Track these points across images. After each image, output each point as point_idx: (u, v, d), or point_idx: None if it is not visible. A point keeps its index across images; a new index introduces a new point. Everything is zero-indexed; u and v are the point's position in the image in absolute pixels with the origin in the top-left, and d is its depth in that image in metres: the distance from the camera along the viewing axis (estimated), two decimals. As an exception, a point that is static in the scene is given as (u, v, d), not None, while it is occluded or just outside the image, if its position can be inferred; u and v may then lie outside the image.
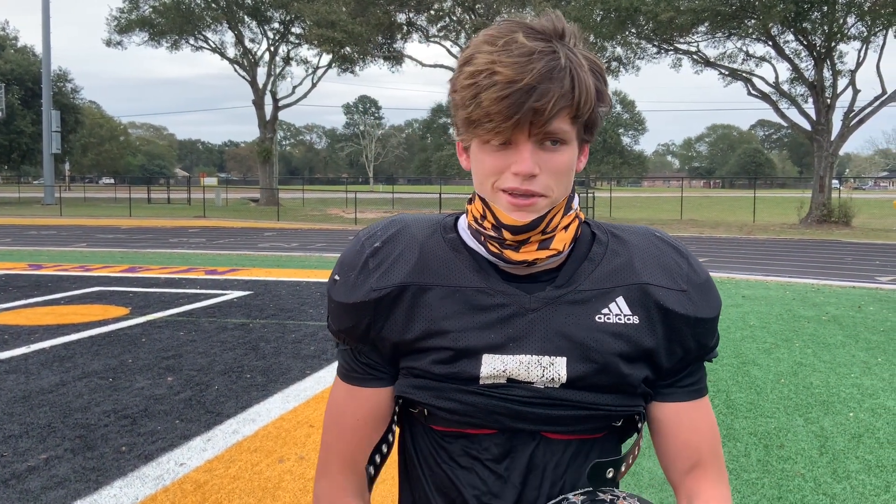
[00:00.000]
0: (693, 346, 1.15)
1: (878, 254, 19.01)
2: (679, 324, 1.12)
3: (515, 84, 0.98)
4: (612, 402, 1.12)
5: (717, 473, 1.18)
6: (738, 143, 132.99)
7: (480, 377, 1.10)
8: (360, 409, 1.19)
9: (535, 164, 1.03)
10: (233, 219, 34.00)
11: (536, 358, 1.09)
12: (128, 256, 17.04)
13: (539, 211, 1.07)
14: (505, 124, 1.00)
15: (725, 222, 32.22)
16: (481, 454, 1.14)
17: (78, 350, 7.42)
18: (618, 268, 1.13)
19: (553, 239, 1.10)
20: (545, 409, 1.10)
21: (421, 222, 1.19)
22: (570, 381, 1.09)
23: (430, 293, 1.11)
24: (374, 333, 1.14)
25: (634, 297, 1.11)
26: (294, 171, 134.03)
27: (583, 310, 1.10)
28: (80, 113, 58.00)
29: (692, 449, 1.17)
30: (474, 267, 1.13)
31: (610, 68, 36.69)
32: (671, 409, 1.17)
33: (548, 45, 1.01)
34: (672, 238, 1.20)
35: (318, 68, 44.24)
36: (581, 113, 1.03)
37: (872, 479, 4.35)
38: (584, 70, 1.03)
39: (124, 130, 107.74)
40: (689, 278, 1.14)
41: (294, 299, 10.74)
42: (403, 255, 1.13)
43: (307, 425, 5.23)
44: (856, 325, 8.87)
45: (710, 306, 1.15)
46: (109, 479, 4.26)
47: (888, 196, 56.81)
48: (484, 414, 1.11)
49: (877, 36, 28.70)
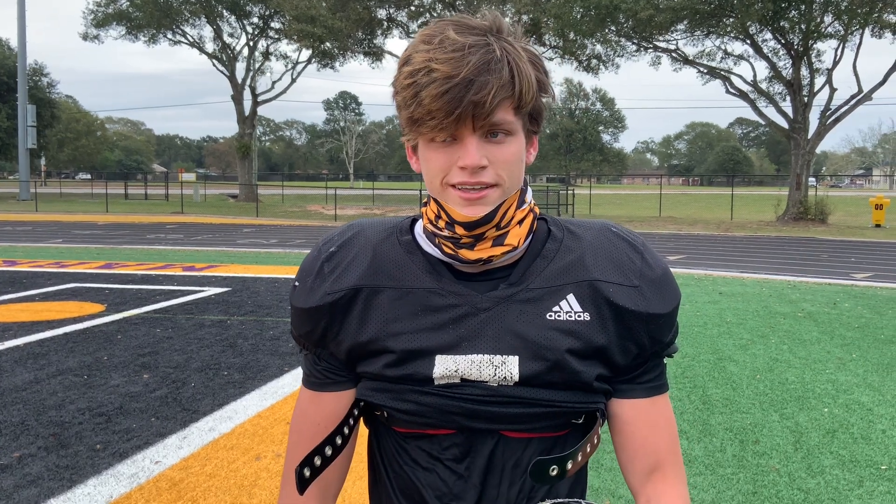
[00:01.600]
0: (647, 342, 1.13)
1: (853, 251, 19.22)
2: (631, 320, 1.11)
3: (453, 79, 0.98)
4: (568, 399, 1.11)
5: (675, 474, 1.16)
6: (716, 140, 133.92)
7: (434, 377, 1.10)
8: (319, 414, 1.19)
9: (483, 157, 1.03)
10: (211, 215, 33.78)
11: (488, 357, 1.09)
12: (104, 253, 16.88)
13: (491, 203, 1.06)
14: (447, 120, 1.00)
15: (703, 220, 32.44)
16: (441, 454, 1.14)
17: (52, 347, 7.34)
18: (569, 265, 1.12)
19: (507, 234, 1.10)
20: (500, 408, 1.10)
21: (377, 226, 1.18)
22: (523, 380, 1.09)
23: (382, 295, 1.12)
24: (331, 337, 1.15)
25: (585, 294, 1.10)
26: (273, 168, 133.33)
27: (534, 308, 1.10)
28: (56, 107, 57.37)
29: (650, 448, 1.15)
30: (427, 268, 1.13)
31: (590, 66, 36.85)
32: (629, 405, 1.15)
33: (481, 39, 1.01)
34: (629, 233, 1.19)
35: (298, 64, 44.00)
36: (524, 103, 1.04)
37: (846, 473, 4.39)
38: (523, 61, 1.03)
39: (101, 125, 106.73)
40: (642, 273, 1.12)
41: (272, 296, 10.69)
42: (357, 259, 1.14)
43: (284, 423, 5.21)
44: (831, 321, 8.96)
45: (665, 301, 1.13)
46: (83, 477, 4.22)
47: (864, 194, 57.44)
48: (439, 414, 1.11)
49: (853, 35, 28.99)
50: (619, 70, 50.15)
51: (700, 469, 4.43)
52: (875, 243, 21.74)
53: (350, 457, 1.23)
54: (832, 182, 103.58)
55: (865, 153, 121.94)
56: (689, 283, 12.12)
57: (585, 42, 34.82)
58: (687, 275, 13.26)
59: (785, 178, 38.51)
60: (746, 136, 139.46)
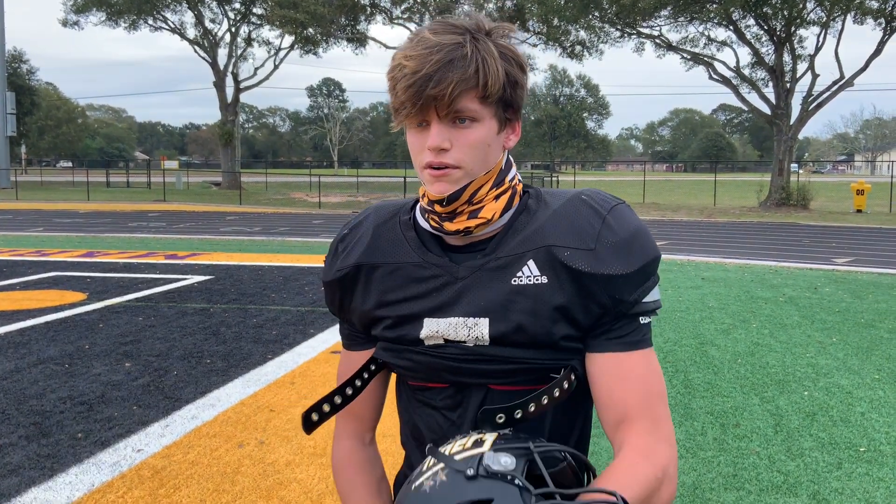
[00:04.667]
0: (608, 301, 1.19)
1: (834, 236, 19.37)
2: (587, 281, 1.19)
3: (417, 74, 1.14)
4: (538, 356, 1.22)
5: (645, 428, 1.18)
6: (699, 127, 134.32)
7: (422, 338, 1.27)
8: (348, 367, 1.41)
9: (445, 140, 1.18)
10: (194, 203, 33.59)
11: (463, 320, 1.23)
12: (85, 241, 16.76)
13: (456, 182, 1.20)
14: (413, 109, 1.16)
15: (687, 206, 32.59)
16: (438, 404, 1.32)
17: (33, 336, 7.29)
18: (531, 233, 1.23)
19: (483, 209, 1.23)
20: (479, 365, 1.24)
21: (386, 209, 1.37)
22: (494, 339, 1.22)
23: (378, 270, 1.31)
24: (346, 306, 1.36)
25: (542, 259, 1.21)
26: (257, 155, 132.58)
27: (501, 274, 1.23)
28: (36, 95, 56.81)
29: (618, 401, 1.20)
30: (417, 243, 1.29)
31: (574, 52, 36.81)
32: (599, 359, 1.23)
33: (455, 38, 1.16)
34: (601, 199, 1.25)
35: (281, 50, 43.72)
36: (489, 93, 1.17)
37: (825, 456, 4.44)
38: (493, 57, 1.17)
39: (82, 112, 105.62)
40: (601, 237, 1.20)
41: (256, 284, 10.65)
42: (361, 240, 1.33)
43: (268, 410, 5.20)
44: (812, 306, 9.03)
45: (623, 263, 1.19)
46: (65, 466, 4.20)
47: (846, 179, 57.81)
48: (430, 370, 1.28)
49: (835, 21, 29.11)
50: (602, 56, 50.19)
51: (681, 452, 4.46)
52: (856, 228, 21.92)
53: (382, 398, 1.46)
54: (814, 168, 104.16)
55: (847, 139, 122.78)
56: (671, 268, 12.18)
57: (569, 28, 34.76)
58: (670, 260, 13.32)
59: (767, 164, 38.72)
60: (730, 122, 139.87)
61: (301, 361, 6.49)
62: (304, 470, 4.19)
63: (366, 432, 1.47)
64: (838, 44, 29.31)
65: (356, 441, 1.46)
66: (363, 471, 1.44)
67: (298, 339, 7.28)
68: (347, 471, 1.44)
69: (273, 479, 4.07)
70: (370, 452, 1.47)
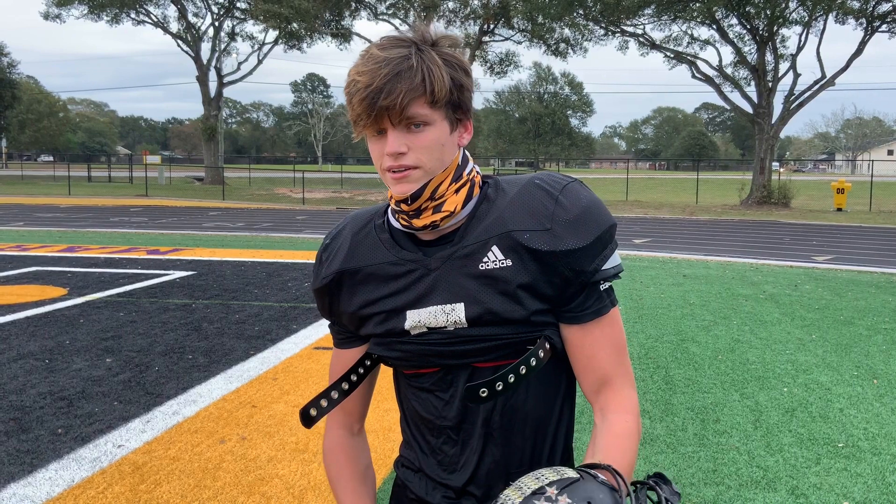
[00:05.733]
0: (570, 274, 1.32)
1: (815, 234, 19.54)
2: (547, 259, 1.31)
3: (369, 88, 1.25)
4: (513, 331, 1.34)
5: (622, 384, 1.38)
6: (682, 125, 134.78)
7: (408, 329, 1.38)
8: (339, 365, 1.52)
9: (402, 144, 1.28)
10: (176, 198, 33.39)
11: (440, 307, 1.35)
12: (66, 236, 16.63)
13: (415, 181, 1.31)
14: (369, 119, 1.27)
15: (669, 203, 32.74)
16: (430, 387, 1.44)
17: (13, 331, 7.23)
18: (493, 221, 1.35)
19: (445, 202, 1.34)
20: (461, 346, 1.36)
21: (362, 216, 1.47)
22: (471, 321, 1.34)
23: (359, 274, 1.42)
24: (335, 309, 1.47)
25: (505, 244, 1.33)
26: (240, 150, 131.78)
27: (469, 261, 1.34)
28: (17, 88, 56.22)
29: (596, 366, 1.37)
30: (391, 244, 1.41)
31: (558, 50, 36.89)
32: (573, 331, 1.37)
33: (401, 52, 1.26)
34: (552, 181, 1.37)
35: (265, 45, 43.49)
36: (437, 98, 1.27)
37: (804, 451, 4.48)
38: (437, 65, 1.27)
39: (63, 107, 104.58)
40: (555, 216, 1.32)
41: (238, 280, 10.61)
42: (341, 248, 1.45)
43: (250, 405, 5.19)
44: (792, 303, 9.11)
45: (579, 237, 1.31)
46: (44, 461, 4.18)
47: (826, 178, 58.25)
48: (419, 357, 1.40)
49: (817, 21, 29.33)
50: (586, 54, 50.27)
51: (661, 448, 4.50)
52: (836, 227, 22.11)
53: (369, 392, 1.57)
54: (795, 166, 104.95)
55: (828, 138, 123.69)
56: (653, 265, 12.24)
57: (554, 26, 34.84)
58: (652, 258, 13.38)
59: (749, 163, 38.97)
60: (712, 120, 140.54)
61: (283, 357, 6.48)
62: (286, 466, 4.18)
63: (354, 423, 1.58)
64: (820, 43, 29.54)
65: (345, 431, 1.57)
66: (351, 458, 1.56)
67: (281, 335, 7.26)
68: (337, 457, 1.57)
69: (255, 474, 4.06)
70: (358, 442, 1.59)
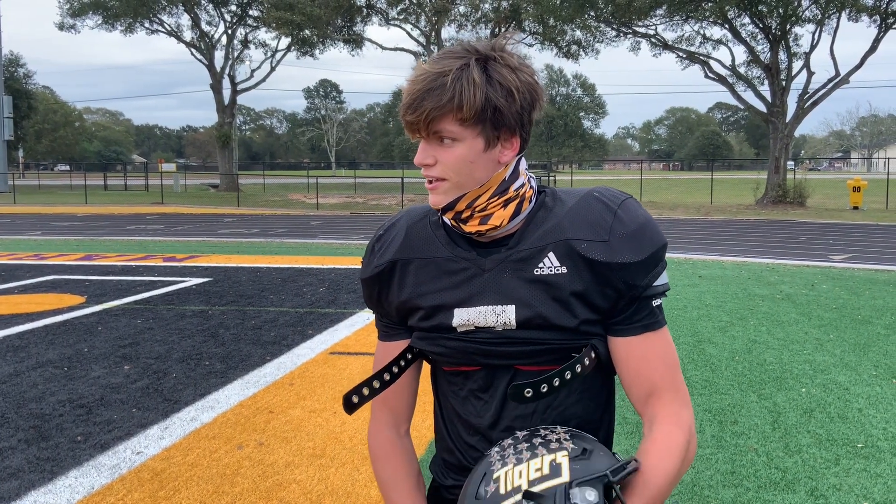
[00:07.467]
0: (623, 287, 1.35)
1: (831, 233, 19.40)
2: (602, 269, 1.34)
3: (405, 102, 1.32)
4: (561, 338, 1.36)
5: (672, 398, 1.38)
6: (696, 125, 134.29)
7: (455, 326, 1.40)
8: (383, 358, 1.54)
9: (429, 156, 1.35)
10: (192, 205, 33.56)
11: (491, 308, 1.38)
12: (83, 244, 16.76)
13: (443, 193, 1.36)
14: (408, 130, 1.35)
15: (684, 204, 32.61)
16: (471, 386, 1.45)
17: (32, 340, 7.29)
18: (551, 228, 1.38)
19: (492, 216, 1.37)
20: (507, 347, 1.38)
21: (417, 211, 1.51)
22: (520, 324, 1.36)
23: (412, 265, 1.45)
24: (383, 299, 1.49)
25: (562, 251, 1.36)
26: (254, 157, 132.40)
27: (524, 265, 1.37)
28: (33, 98, 56.75)
29: (644, 378, 1.38)
30: (447, 240, 1.44)
31: (570, 52, 36.83)
32: (621, 342, 1.39)
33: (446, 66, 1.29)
34: (611, 195, 1.41)
35: (277, 52, 43.70)
36: (465, 116, 1.29)
37: (823, 452, 4.45)
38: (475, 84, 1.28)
39: (79, 116, 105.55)
40: (613, 229, 1.35)
41: (254, 285, 10.66)
42: (395, 238, 1.48)
43: (267, 411, 5.21)
44: (809, 303, 9.05)
45: (634, 251, 1.34)
46: (64, 469, 4.21)
47: (842, 176, 57.81)
48: (463, 355, 1.42)
49: (830, 19, 29.16)
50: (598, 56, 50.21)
51: (679, 450, 4.47)
52: (852, 225, 21.95)
53: (414, 392, 1.58)
54: (810, 165, 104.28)
55: (843, 136, 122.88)
56: (669, 266, 12.13)
57: (565, 28, 34.79)
58: (667, 258, 13.29)
59: (764, 162, 38.74)
60: (726, 120, 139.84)
61: (300, 362, 6.50)
62: (303, 471, 4.20)
63: (401, 424, 1.58)
64: (833, 41, 29.38)
65: (394, 432, 1.57)
66: (405, 461, 1.56)
67: (297, 341, 7.29)
68: (391, 459, 1.56)
69: (272, 480, 4.08)
70: (408, 444, 1.59)
